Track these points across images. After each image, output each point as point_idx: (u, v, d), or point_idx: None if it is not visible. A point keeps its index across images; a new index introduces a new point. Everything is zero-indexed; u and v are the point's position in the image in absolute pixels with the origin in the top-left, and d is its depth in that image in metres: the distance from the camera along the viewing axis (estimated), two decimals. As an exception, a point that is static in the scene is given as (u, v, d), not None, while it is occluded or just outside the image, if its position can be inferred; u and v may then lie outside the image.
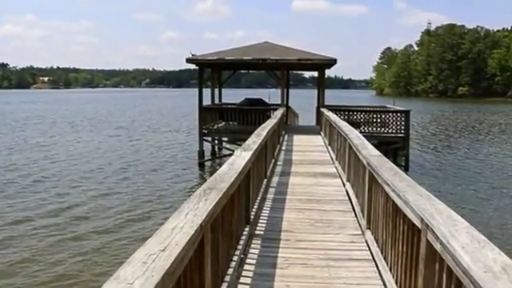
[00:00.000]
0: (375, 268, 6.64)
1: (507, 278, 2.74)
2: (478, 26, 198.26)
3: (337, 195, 11.20)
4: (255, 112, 27.14)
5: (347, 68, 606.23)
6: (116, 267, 2.84)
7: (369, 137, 13.26)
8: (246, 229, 7.68)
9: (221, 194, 4.78)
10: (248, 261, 6.94)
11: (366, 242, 7.63)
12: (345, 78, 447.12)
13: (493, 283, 2.71)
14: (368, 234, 7.63)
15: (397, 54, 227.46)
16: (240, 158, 7.37)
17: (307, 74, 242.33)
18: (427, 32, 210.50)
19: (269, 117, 22.70)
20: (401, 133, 26.22)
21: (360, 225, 8.52)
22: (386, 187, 5.84)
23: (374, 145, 9.34)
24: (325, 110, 23.38)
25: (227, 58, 27.61)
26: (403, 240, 5.09)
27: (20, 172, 25.75)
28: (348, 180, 11.55)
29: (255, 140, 9.84)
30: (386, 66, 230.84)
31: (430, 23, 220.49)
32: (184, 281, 3.45)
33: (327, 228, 8.57)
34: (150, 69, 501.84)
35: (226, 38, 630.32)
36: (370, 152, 8.13)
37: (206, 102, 29.64)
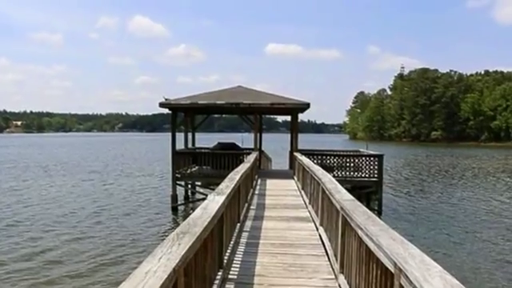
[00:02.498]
0: (349, 312, 6.62)
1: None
2: (451, 71, 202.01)
3: (310, 239, 11.19)
4: (228, 156, 27.19)
5: (320, 112, 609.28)
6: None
7: (342, 181, 13.33)
8: (220, 273, 7.64)
9: (194, 239, 4.76)
10: (221, 306, 6.90)
11: (340, 286, 7.61)
12: (318, 122, 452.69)
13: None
14: (341, 278, 7.61)
15: (370, 99, 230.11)
16: (213, 202, 7.36)
17: (280, 118, 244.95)
18: (400, 76, 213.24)
19: (242, 161, 22.71)
20: (374, 177, 26.36)
21: (333, 269, 8.51)
22: (360, 231, 5.85)
23: (347, 189, 9.38)
24: (298, 155, 23.45)
25: (200, 102, 27.65)
26: (376, 284, 5.08)
27: (-8, 216, 25.47)
28: (321, 224, 11.56)
29: (228, 184, 9.85)
30: (359, 111, 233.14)
31: (403, 67, 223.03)
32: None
33: (300, 272, 8.54)
34: (124, 113, 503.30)
35: (199, 82, 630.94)
36: (343, 196, 8.16)
37: (180, 146, 29.64)
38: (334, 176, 15.86)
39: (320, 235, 11.28)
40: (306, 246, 10.51)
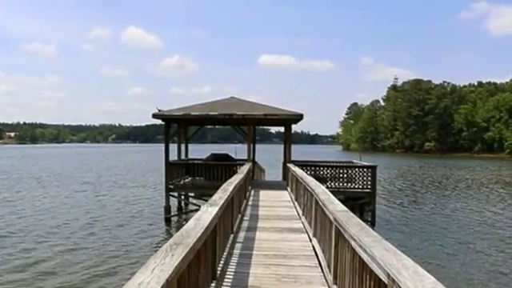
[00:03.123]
0: (342, 324, 6.60)
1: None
2: (444, 82, 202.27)
3: (303, 250, 11.17)
4: (221, 167, 27.16)
5: (314, 123, 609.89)
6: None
7: (335, 192, 13.31)
8: (213, 284, 7.62)
9: (187, 250, 4.75)
10: (214, 317, 6.87)
11: (333, 297, 7.60)
12: (311, 133, 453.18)
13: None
14: (335, 289, 7.60)
15: (363, 110, 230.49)
16: (206, 213, 7.35)
17: (274, 129, 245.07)
18: (394, 87, 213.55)
19: (235, 172, 22.69)
20: (367, 188, 26.37)
21: (326, 280, 8.49)
22: (353, 242, 5.84)
23: (340, 200, 9.38)
24: (291, 166, 23.45)
25: (193, 113, 27.64)
26: (370, 295, 5.08)
27: (-15, 228, 25.37)
28: (314, 235, 11.54)
29: (222, 195, 9.82)
30: (352, 122, 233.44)
31: (396, 78, 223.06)
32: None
33: (294, 283, 8.52)
34: (117, 124, 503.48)
35: (192, 93, 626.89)
36: (336, 207, 8.15)
37: (173, 157, 29.59)
38: (327, 187, 15.86)
39: (313, 246, 11.26)
40: (300, 257, 10.49)
